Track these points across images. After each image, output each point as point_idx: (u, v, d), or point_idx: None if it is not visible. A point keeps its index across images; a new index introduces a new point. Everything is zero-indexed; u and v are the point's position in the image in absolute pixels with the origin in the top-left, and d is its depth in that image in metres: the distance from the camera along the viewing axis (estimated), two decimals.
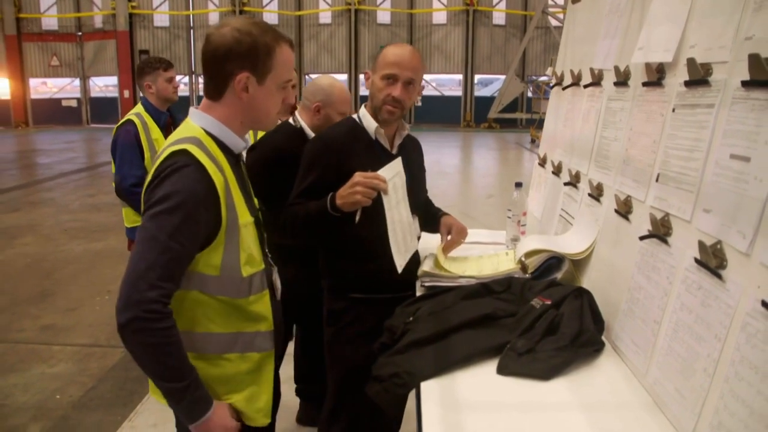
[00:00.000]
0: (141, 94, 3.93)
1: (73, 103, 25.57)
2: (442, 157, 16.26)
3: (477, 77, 25.86)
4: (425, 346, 1.69)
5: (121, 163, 3.65)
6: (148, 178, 1.53)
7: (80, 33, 24.66)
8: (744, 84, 1.30)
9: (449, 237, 2.50)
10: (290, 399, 3.43)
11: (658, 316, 1.54)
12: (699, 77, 1.48)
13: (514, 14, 24.64)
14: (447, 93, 26.78)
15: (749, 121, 1.28)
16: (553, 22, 22.16)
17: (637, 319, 1.66)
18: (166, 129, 3.79)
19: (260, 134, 4.32)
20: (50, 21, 24.79)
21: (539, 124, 19.95)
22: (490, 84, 27.12)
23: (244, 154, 1.87)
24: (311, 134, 2.75)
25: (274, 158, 2.72)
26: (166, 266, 1.45)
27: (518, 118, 23.80)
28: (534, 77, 23.53)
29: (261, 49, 1.51)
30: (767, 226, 1.17)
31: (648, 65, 1.77)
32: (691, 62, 1.50)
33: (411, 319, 1.83)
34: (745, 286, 1.21)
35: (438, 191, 11.12)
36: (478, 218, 8.70)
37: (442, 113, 24.80)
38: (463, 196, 11.28)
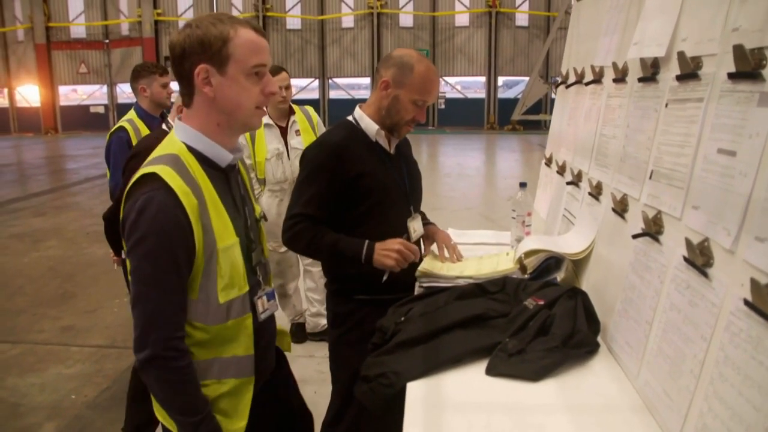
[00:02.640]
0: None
1: (101, 110, 26.02)
2: (465, 159, 16.20)
3: (501, 79, 25.72)
4: (414, 346, 1.67)
5: (115, 170, 3.64)
6: (123, 203, 1.50)
7: (107, 40, 25.11)
8: (730, 76, 1.26)
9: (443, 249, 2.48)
10: None
11: (649, 317, 1.50)
12: (689, 71, 1.45)
13: (536, 15, 24.44)
14: (470, 95, 26.66)
15: (735, 115, 1.24)
16: None
17: (630, 319, 1.62)
18: None
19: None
20: (78, 29, 25.31)
21: None
22: (515, 86, 26.92)
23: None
24: None
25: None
26: (173, 300, 1.47)
27: (542, 119, 23.57)
28: (557, 78, 23.23)
29: (213, 38, 1.45)
30: (751, 223, 1.13)
31: (643, 60, 1.74)
32: (681, 56, 1.47)
33: (402, 319, 1.81)
34: (730, 285, 1.17)
35: (459, 193, 11.10)
36: (497, 221, 8.60)
37: (466, 116, 24.70)
38: (484, 198, 11.21)
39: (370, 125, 2.29)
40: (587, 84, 2.34)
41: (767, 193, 1.09)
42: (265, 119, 4.22)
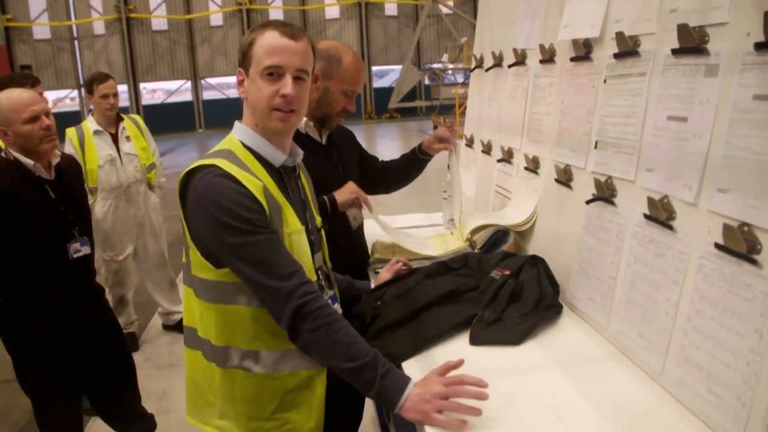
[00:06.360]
0: None
1: None
2: None
3: (373, 69, 26.10)
4: (399, 327, 1.74)
5: None
6: (180, 200, 1.49)
7: None
8: (674, 52, 1.43)
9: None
10: None
11: (612, 272, 1.66)
12: (628, 49, 1.61)
13: (405, 4, 25.03)
14: None
15: (682, 85, 1.41)
16: (444, 10, 22.71)
17: (591, 277, 1.78)
18: None
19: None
20: None
21: (440, 110, 20.43)
22: (386, 75, 27.40)
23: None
24: (31, 163, 2.44)
25: None
26: (280, 254, 1.44)
27: (418, 106, 24.27)
28: (429, 65, 24.02)
29: (245, 42, 1.51)
30: (712, 177, 1.30)
31: (575, 41, 1.90)
32: (620, 35, 1.63)
33: (378, 303, 1.88)
34: (696, 233, 1.34)
35: None
36: (392, 206, 8.69)
37: None
38: None
39: None
40: (510, 66, 2.49)
41: (724, 151, 1.26)
42: (94, 126, 4.20)
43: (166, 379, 4.17)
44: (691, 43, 1.36)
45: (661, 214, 1.44)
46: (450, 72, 23.56)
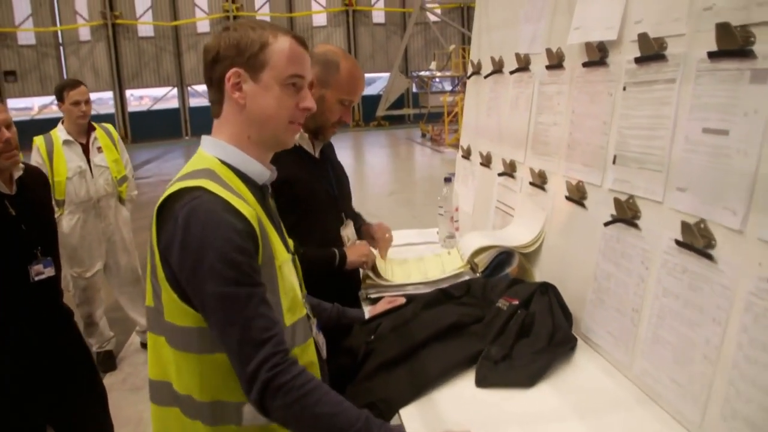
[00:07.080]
0: None
1: None
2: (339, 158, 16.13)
3: None
4: (395, 367, 1.54)
5: None
6: (153, 227, 1.27)
7: None
8: (711, 55, 1.24)
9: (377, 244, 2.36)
10: None
11: (636, 304, 1.47)
12: (653, 52, 1.43)
13: (393, 12, 24.96)
14: None
15: (721, 93, 1.23)
16: (432, 18, 22.65)
17: (609, 308, 1.59)
18: None
19: None
20: None
21: (428, 118, 20.32)
22: (374, 83, 27.28)
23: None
24: None
25: None
26: (259, 315, 1.22)
27: (406, 114, 24.15)
28: (417, 73, 23.93)
29: (251, 42, 1.30)
30: (761, 200, 1.11)
31: (588, 45, 1.71)
32: (643, 37, 1.45)
33: (372, 337, 1.68)
34: (743, 265, 1.15)
35: None
36: (384, 217, 8.53)
37: None
38: (365, 195, 11.18)
39: None
40: (512, 72, 2.31)
41: None
42: (64, 135, 3.96)
43: (145, 401, 3.92)
44: (733, 45, 1.17)
45: (697, 240, 1.25)
46: (438, 80, 23.52)
